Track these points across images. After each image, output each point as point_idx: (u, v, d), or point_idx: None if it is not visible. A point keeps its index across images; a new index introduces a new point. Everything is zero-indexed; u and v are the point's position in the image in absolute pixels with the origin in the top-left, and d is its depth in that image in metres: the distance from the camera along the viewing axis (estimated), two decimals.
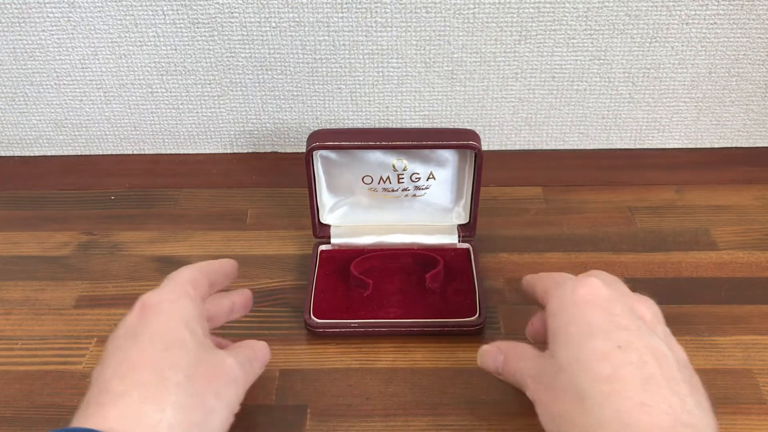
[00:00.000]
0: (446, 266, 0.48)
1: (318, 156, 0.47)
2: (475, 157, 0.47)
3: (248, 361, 0.35)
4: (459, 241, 0.50)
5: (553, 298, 0.35)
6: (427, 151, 0.47)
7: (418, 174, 0.48)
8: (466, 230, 0.51)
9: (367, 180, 0.48)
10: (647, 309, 0.34)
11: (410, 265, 0.49)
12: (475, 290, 0.47)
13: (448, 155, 0.47)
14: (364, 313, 0.46)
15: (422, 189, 0.49)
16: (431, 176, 0.48)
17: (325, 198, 0.50)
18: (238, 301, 0.40)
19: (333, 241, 0.50)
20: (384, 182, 0.48)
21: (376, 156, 0.47)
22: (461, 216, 0.50)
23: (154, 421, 0.28)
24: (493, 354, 0.36)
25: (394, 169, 0.48)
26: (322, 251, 0.50)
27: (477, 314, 0.45)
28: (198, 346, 0.32)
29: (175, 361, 0.31)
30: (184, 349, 0.31)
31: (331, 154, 0.48)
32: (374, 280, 0.47)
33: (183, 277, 0.36)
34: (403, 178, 0.48)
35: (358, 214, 0.51)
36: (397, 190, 0.49)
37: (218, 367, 0.32)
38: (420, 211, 0.51)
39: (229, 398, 0.32)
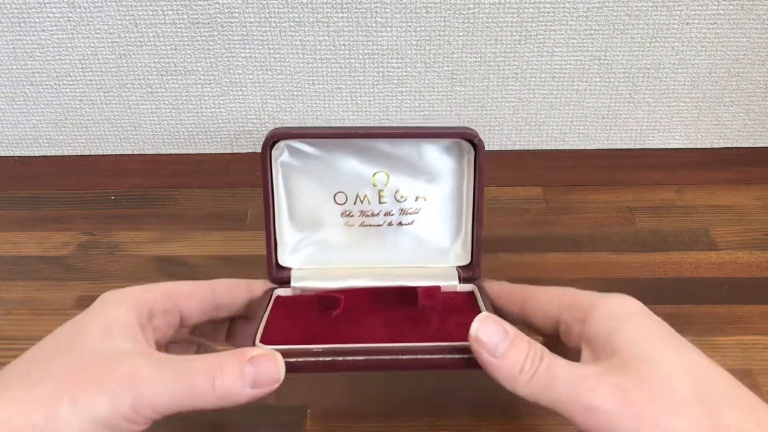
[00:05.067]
0: (445, 307, 0.37)
1: (279, 162, 0.38)
2: (475, 161, 0.38)
3: (198, 372, 0.28)
4: (460, 283, 0.39)
5: (603, 312, 0.30)
6: (413, 159, 0.38)
7: (403, 194, 0.39)
8: (468, 271, 0.39)
9: (341, 198, 0.39)
10: None
11: (397, 301, 0.37)
12: None
13: (441, 163, 0.38)
14: (331, 336, 0.33)
15: (409, 214, 0.39)
16: (421, 197, 0.39)
17: (286, 232, 0.39)
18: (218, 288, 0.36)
19: (294, 284, 0.38)
20: (361, 202, 0.39)
21: (352, 165, 0.38)
22: (461, 256, 0.39)
23: None
24: (499, 333, 0.29)
25: (374, 184, 0.39)
26: (278, 297, 0.38)
27: None
28: (96, 352, 0.29)
29: (45, 360, 0.29)
30: (67, 351, 0.29)
31: (294, 161, 0.38)
32: (349, 315, 0.36)
33: (133, 289, 0.33)
34: (385, 197, 0.39)
35: (329, 254, 0.40)
36: (378, 215, 0.39)
37: (99, 375, 0.28)
38: (408, 249, 0.40)
39: (92, 409, 0.27)
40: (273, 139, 0.36)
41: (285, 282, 0.38)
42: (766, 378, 0.42)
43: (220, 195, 0.60)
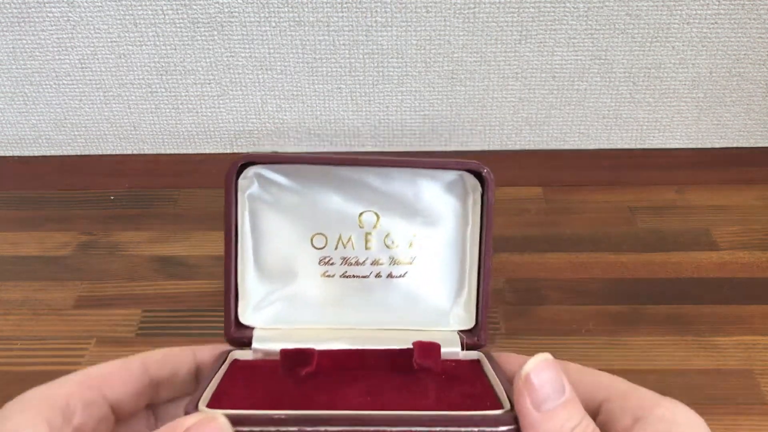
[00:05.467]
0: (445, 376, 0.31)
1: (247, 195, 0.32)
2: (482, 201, 0.32)
3: None
4: (462, 350, 0.32)
5: (667, 416, 0.26)
6: (408, 197, 0.32)
7: (395, 239, 0.33)
8: (472, 336, 0.33)
9: (319, 242, 0.32)
10: None
11: (385, 366, 0.31)
12: (492, 390, 0.28)
13: (441, 202, 0.33)
14: (299, 402, 0.28)
15: (402, 264, 0.33)
16: (416, 244, 0.33)
17: (250, 283, 0.32)
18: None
19: (257, 346, 0.31)
20: (344, 246, 0.33)
21: (334, 201, 0.33)
22: (463, 318, 0.33)
23: None
24: (556, 385, 0.25)
25: (360, 225, 0.33)
26: (235, 361, 0.31)
27: (506, 407, 0.26)
28: None
29: None
30: None
31: (265, 194, 0.32)
32: (323, 379, 0.30)
33: (40, 389, 0.27)
34: (373, 243, 0.33)
35: (302, 311, 0.33)
36: (363, 263, 0.33)
37: None
38: (399, 308, 0.33)
39: None
40: (241, 164, 0.31)
41: (245, 343, 0.31)
42: (766, 378, 0.41)
43: (220, 195, 0.59)
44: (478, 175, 0.31)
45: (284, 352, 0.30)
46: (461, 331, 0.33)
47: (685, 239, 0.53)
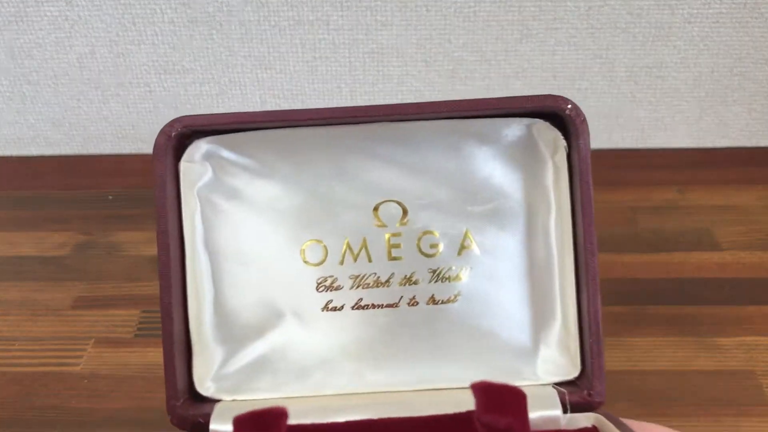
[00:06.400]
0: None
1: (197, 191, 0.21)
2: (570, 161, 0.21)
3: None
4: (566, 412, 0.21)
5: None
6: (452, 173, 0.21)
7: (434, 241, 0.22)
8: (578, 389, 0.22)
9: (315, 254, 0.22)
10: None
11: None
12: None
13: (505, 177, 0.21)
14: None
15: (450, 281, 0.22)
16: (468, 247, 0.22)
17: (210, 331, 0.22)
18: None
19: (218, 427, 0.21)
20: (355, 258, 0.22)
21: (336, 189, 0.21)
22: (559, 363, 0.22)
23: None
24: None
25: (378, 222, 0.22)
26: None
27: None
28: None
29: None
30: None
31: (225, 186, 0.21)
32: None
33: None
34: (399, 248, 0.22)
35: (294, 372, 0.22)
36: (388, 284, 0.21)
37: None
38: (449, 351, 0.22)
39: None
40: (177, 134, 0.20)
41: (200, 428, 0.20)
42: None
43: None
44: (558, 120, 0.20)
45: (237, 420, 0.18)
46: (558, 383, 0.21)
47: (687, 239, 0.53)
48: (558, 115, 0.19)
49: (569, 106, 0.20)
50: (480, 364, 0.21)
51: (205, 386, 0.21)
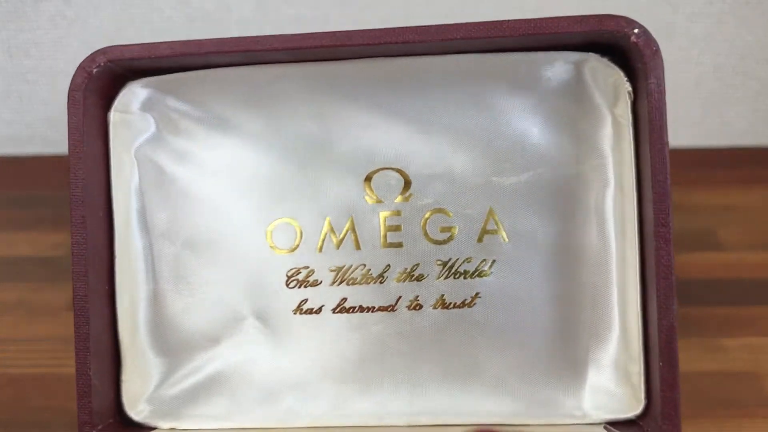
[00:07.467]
0: None
1: (133, 152, 0.17)
2: (635, 114, 0.16)
3: None
4: None
5: None
6: (469, 127, 0.15)
7: (445, 222, 0.16)
8: (642, 426, 0.18)
9: (285, 237, 0.17)
10: None
11: None
12: None
13: (542, 134, 0.16)
14: None
15: (465, 276, 0.16)
16: (495, 230, 0.17)
17: (145, 337, 0.18)
18: None
19: None
20: (337, 243, 0.17)
21: (318, 154, 0.16)
22: (615, 395, 0.18)
23: None
24: None
25: (370, 195, 0.17)
26: None
27: None
28: None
29: None
30: None
31: (170, 147, 0.17)
32: None
33: None
34: (399, 232, 0.17)
35: (255, 393, 0.18)
36: (382, 280, 0.17)
37: None
38: (463, 376, 0.17)
39: None
40: (106, 75, 0.15)
41: None
42: None
43: None
44: (617, 55, 0.14)
45: None
46: (613, 423, 0.16)
47: (690, 240, 0.53)
48: (617, 46, 0.12)
49: (635, 30, 0.13)
50: (504, 392, 0.15)
51: (137, 408, 0.16)
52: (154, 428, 0.16)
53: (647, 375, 0.15)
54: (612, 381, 0.15)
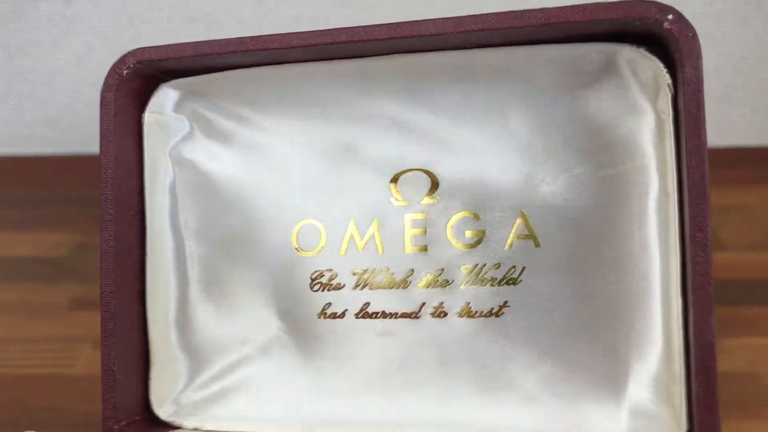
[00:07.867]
0: None
1: (171, 160, 0.17)
2: (675, 109, 0.15)
3: None
4: None
5: None
6: (496, 126, 0.15)
7: (471, 226, 0.16)
8: None
9: (309, 239, 0.17)
10: None
11: None
12: None
13: (574, 131, 0.15)
14: None
15: (493, 284, 0.16)
16: (524, 233, 0.16)
17: (174, 335, 0.18)
18: None
19: None
20: (361, 246, 0.17)
21: (343, 154, 0.16)
22: (656, 416, 0.17)
23: None
24: None
25: (396, 198, 0.16)
26: None
27: None
28: None
29: None
30: None
31: (205, 150, 0.17)
32: None
33: None
34: (425, 236, 0.16)
35: (279, 396, 0.18)
36: (406, 286, 0.16)
37: None
38: (492, 389, 0.17)
39: None
40: (138, 77, 0.15)
41: None
42: None
43: None
44: (653, 45, 0.13)
45: None
46: None
47: None
48: (652, 35, 0.12)
49: (670, 16, 0.12)
50: (534, 408, 0.14)
51: (164, 407, 0.16)
52: (178, 428, 0.16)
53: (689, 397, 0.14)
54: (653, 402, 0.14)
